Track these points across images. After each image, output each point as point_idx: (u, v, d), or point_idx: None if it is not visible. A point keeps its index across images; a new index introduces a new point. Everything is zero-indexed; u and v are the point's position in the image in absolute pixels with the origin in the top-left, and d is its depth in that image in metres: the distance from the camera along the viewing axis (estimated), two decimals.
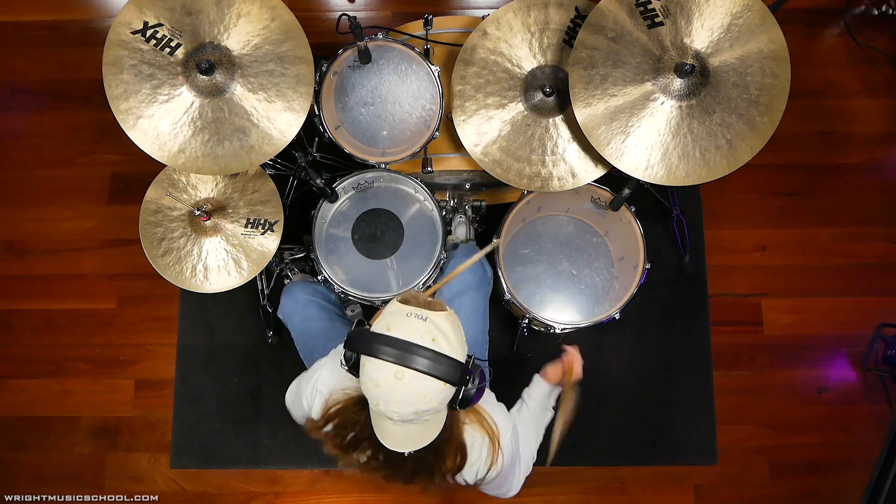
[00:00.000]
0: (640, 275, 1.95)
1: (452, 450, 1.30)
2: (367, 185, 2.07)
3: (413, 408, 1.11)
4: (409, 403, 1.11)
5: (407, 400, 1.10)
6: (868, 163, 2.65)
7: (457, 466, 1.33)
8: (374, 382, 1.12)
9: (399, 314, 1.15)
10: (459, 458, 1.32)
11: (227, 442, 2.42)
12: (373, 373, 1.12)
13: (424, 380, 1.10)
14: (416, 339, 1.11)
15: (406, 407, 1.11)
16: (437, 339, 1.12)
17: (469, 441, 1.34)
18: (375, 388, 1.12)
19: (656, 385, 2.45)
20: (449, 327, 1.16)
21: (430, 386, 1.11)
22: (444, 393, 1.13)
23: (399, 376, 1.09)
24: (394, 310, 1.17)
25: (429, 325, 1.13)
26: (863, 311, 2.55)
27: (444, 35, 2.02)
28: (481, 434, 1.36)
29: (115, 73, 1.61)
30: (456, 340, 1.16)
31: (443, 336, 1.13)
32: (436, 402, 1.13)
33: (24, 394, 2.52)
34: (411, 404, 1.11)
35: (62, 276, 2.58)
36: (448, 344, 1.14)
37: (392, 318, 1.15)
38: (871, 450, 2.47)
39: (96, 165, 2.64)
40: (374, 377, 1.11)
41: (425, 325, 1.13)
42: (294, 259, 2.27)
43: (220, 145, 1.66)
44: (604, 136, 1.65)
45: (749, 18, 1.59)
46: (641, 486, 2.44)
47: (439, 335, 1.13)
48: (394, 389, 1.10)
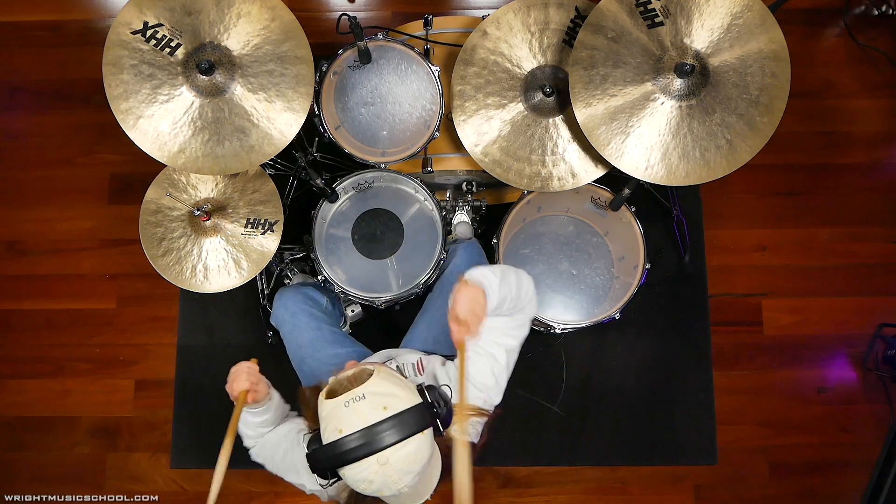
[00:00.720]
0: (640, 275, 1.95)
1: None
2: (367, 185, 2.07)
3: (413, 473, 1.08)
4: (408, 472, 1.07)
5: (404, 471, 1.07)
6: (868, 163, 2.65)
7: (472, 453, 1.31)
8: (366, 482, 1.07)
9: (338, 410, 1.08)
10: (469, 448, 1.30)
11: None
12: (358, 476, 1.07)
13: (405, 446, 1.06)
14: (371, 420, 1.05)
15: (407, 477, 1.08)
16: (387, 406, 1.07)
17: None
18: (371, 485, 1.07)
19: (656, 385, 2.45)
20: (388, 385, 1.11)
21: (414, 445, 1.07)
22: (428, 438, 1.10)
23: (382, 462, 1.05)
24: (330, 409, 1.09)
25: (370, 399, 1.07)
26: (863, 311, 2.55)
27: (444, 35, 2.02)
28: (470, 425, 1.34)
29: (115, 73, 1.61)
30: (402, 390, 1.11)
31: (389, 397, 1.09)
32: (427, 452, 1.10)
33: (24, 394, 2.52)
34: (410, 472, 1.08)
35: (62, 276, 2.59)
36: (398, 400, 1.09)
37: (335, 417, 1.08)
38: (871, 450, 2.47)
39: (96, 165, 2.64)
40: (363, 477, 1.06)
41: (367, 402, 1.07)
42: (294, 259, 2.27)
43: (220, 145, 1.66)
44: (604, 136, 1.65)
45: (749, 18, 1.59)
46: (641, 486, 2.44)
47: (386, 399, 1.08)
48: (387, 475, 1.06)
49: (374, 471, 1.05)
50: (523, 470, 2.44)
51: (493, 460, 2.41)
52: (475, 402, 1.33)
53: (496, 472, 2.43)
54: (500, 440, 2.40)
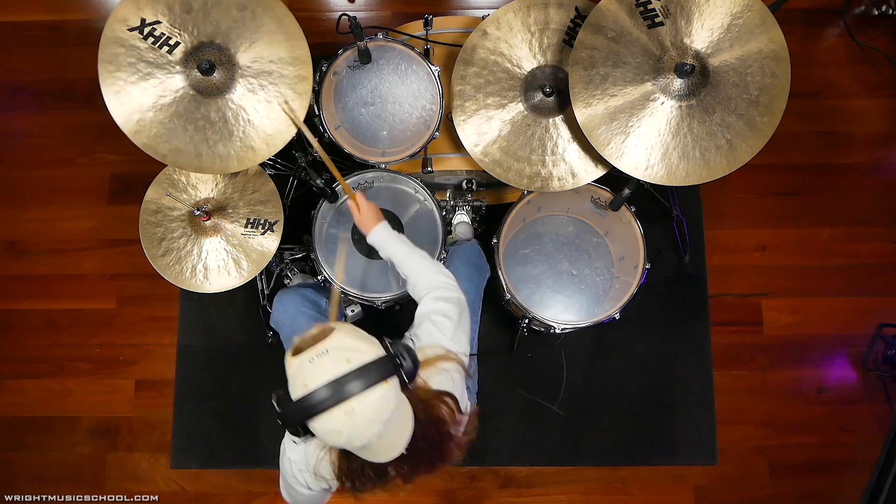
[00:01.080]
0: (640, 275, 1.95)
1: (441, 401, 1.29)
2: (367, 185, 2.07)
3: (380, 422, 1.10)
4: (375, 421, 1.10)
5: (371, 420, 1.09)
6: (868, 163, 2.65)
7: (457, 407, 1.32)
8: (335, 433, 1.10)
9: (303, 366, 1.11)
10: (451, 400, 1.31)
11: (227, 442, 2.42)
12: (327, 427, 1.10)
13: (369, 395, 1.08)
14: (335, 373, 1.08)
15: (375, 426, 1.10)
16: (350, 359, 1.10)
17: (442, 383, 1.33)
18: (339, 436, 1.10)
19: (656, 385, 2.45)
20: (350, 339, 1.14)
21: (378, 394, 1.09)
22: (393, 389, 1.13)
23: (349, 412, 1.07)
24: (296, 366, 1.13)
25: (333, 353, 1.10)
26: (863, 311, 2.55)
27: (444, 35, 2.02)
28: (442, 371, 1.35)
29: (111, 70, 1.61)
30: (364, 344, 1.15)
31: (351, 350, 1.12)
32: (393, 401, 1.12)
33: (24, 394, 2.52)
34: (377, 421, 1.10)
35: (62, 276, 2.58)
36: (360, 353, 1.12)
37: (301, 374, 1.11)
38: (871, 450, 2.47)
39: (96, 165, 2.64)
40: (331, 428, 1.09)
41: (330, 356, 1.10)
42: (294, 259, 2.27)
43: (220, 145, 1.66)
44: (604, 136, 1.65)
45: (749, 18, 1.59)
46: (641, 486, 2.44)
47: (349, 352, 1.11)
48: (354, 424, 1.08)
49: (341, 421, 1.08)
50: (523, 470, 2.44)
51: (493, 460, 2.41)
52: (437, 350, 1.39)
53: (496, 472, 2.43)
54: (500, 440, 2.40)
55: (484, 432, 2.40)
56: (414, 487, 2.41)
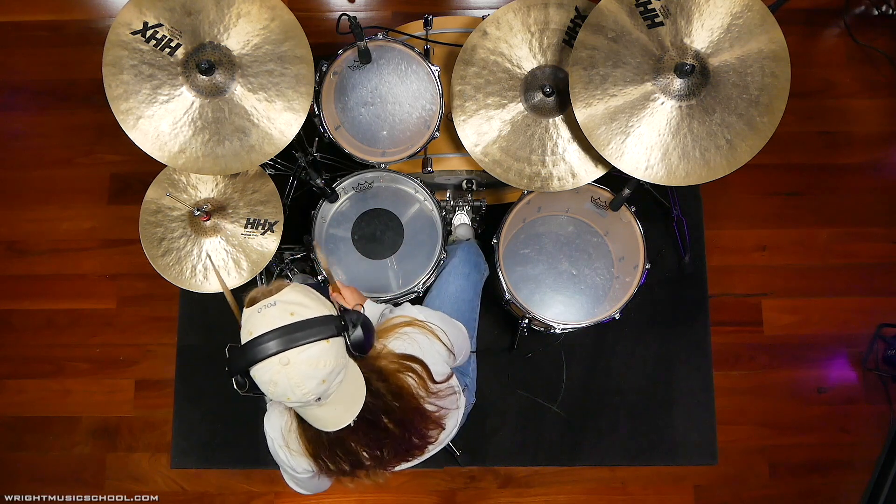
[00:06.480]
0: (640, 275, 1.95)
1: (406, 370, 1.29)
2: (367, 185, 2.07)
3: (316, 379, 1.12)
4: (310, 377, 1.11)
5: (306, 376, 1.11)
6: (868, 163, 2.65)
7: (427, 375, 1.32)
8: (271, 383, 1.12)
9: (252, 315, 1.15)
10: (419, 366, 1.31)
11: (227, 442, 2.42)
12: (264, 376, 1.12)
13: (307, 350, 1.11)
14: (278, 323, 1.12)
15: (310, 382, 1.11)
16: (294, 312, 1.13)
17: (404, 347, 1.33)
18: (275, 387, 1.12)
19: (656, 385, 2.45)
20: (299, 296, 1.17)
21: (316, 351, 1.11)
22: (332, 349, 1.14)
23: (284, 362, 1.10)
24: (246, 316, 1.17)
25: (280, 306, 1.14)
26: (863, 311, 2.55)
27: (444, 35, 2.02)
28: (401, 334, 1.36)
29: (115, 73, 1.61)
30: (312, 302, 1.17)
31: (297, 306, 1.15)
32: (332, 362, 1.13)
33: (24, 394, 2.52)
34: (312, 377, 1.11)
35: (62, 276, 2.59)
36: (306, 308, 1.15)
37: (249, 323, 1.15)
38: (871, 450, 2.47)
39: (96, 165, 2.64)
40: (267, 378, 1.12)
41: (276, 308, 1.14)
42: (294, 259, 2.27)
43: (220, 145, 1.66)
44: (604, 136, 1.65)
45: (749, 18, 1.59)
46: (641, 486, 2.45)
47: (294, 307, 1.14)
48: (289, 376, 1.10)
49: (276, 370, 1.10)
50: (523, 470, 2.44)
51: (493, 460, 2.41)
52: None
53: (496, 472, 2.43)
54: (500, 440, 2.40)
55: (484, 432, 2.40)
56: (414, 487, 2.42)
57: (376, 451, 1.29)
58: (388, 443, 1.30)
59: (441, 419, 1.39)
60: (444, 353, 1.40)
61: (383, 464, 1.33)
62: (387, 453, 1.31)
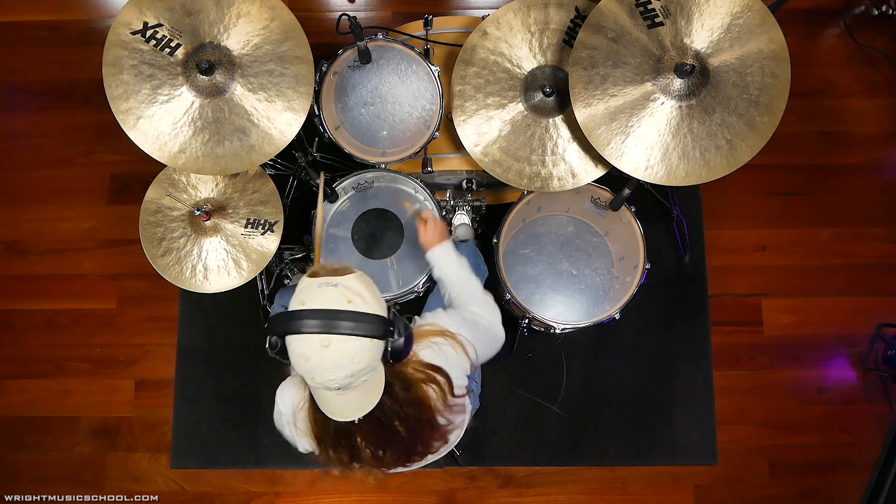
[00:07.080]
0: (640, 275, 1.95)
1: (430, 381, 1.29)
2: (367, 185, 2.07)
3: (346, 371, 1.11)
4: (342, 367, 1.11)
5: (338, 365, 1.10)
6: (868, 163, 2.65)
7: (449, 388, 1.31)
8: (303, 357, 1.12)
9: (311, 287, 1.15)
10: (443, 378, 1.30)
11: (227, 442, 2.42)
12: (299, 348, 1.12)
13: (350, 341, 1.10)
14: (333, 305, 1.12)
15: (339, 372, 1.11)
16: (352, 301, 1.13)
17: (432, 357, 1.33)
18: (306, 362, 1.12)
19: (656, 385, 2.45)
20: (361, 287, 1.17)
21: (357, 345, 1.11)
22: (373, 350, 1.14)
23: (325, 344, 1.10)
24: (305, 285, 1.17)
25: (341, 289, 1.14)
26: (863, 311, 2.55)
27: (444, 35, 2.02)
28: (432, 343, 1.35)
29: (115, 73, 1.61)
30: (371, 298, 1.17)
31: (357, 296, 1.14)
32: (367, 361, 1.13)
33: (24, 394, 2.52)
34: (343, 368, 1.11)
35: (62, 276, 2.59)
36: (364, 302, 1.14)
37: (305, 293, 1.15)
38: (871, 450, 2.47)
39: (96, 165, 2.64)
40: (302, 351, 1.12)
41: (337, 290, 1.14)
42: (294, 259, 2.27)
43: (220, 145, 1.66)
44: (604, 136, 1.65)
45: (749, 18, 1.59)
46: (641, 486, 2.45)
47: (354, 296, 1.14)
48: (324, 358, 1.10)
49: (314, 350, 1.10)
50: (523, 470, 2.44)
51: (493, 460, 2.41)
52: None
53: (496, 472, 2.43)
54: (500, 440, 2.40)
55: (484, 432, 2.40)
56: (414, 487, 2.42)
57: (379, 451, 1.29)
58: (392, 445, 1.29)
59: (447, 433, 1.39)
60: (467, 367, 1.40)
61: (382, 464, 1.32)
62: (388, 455, 1.31)
